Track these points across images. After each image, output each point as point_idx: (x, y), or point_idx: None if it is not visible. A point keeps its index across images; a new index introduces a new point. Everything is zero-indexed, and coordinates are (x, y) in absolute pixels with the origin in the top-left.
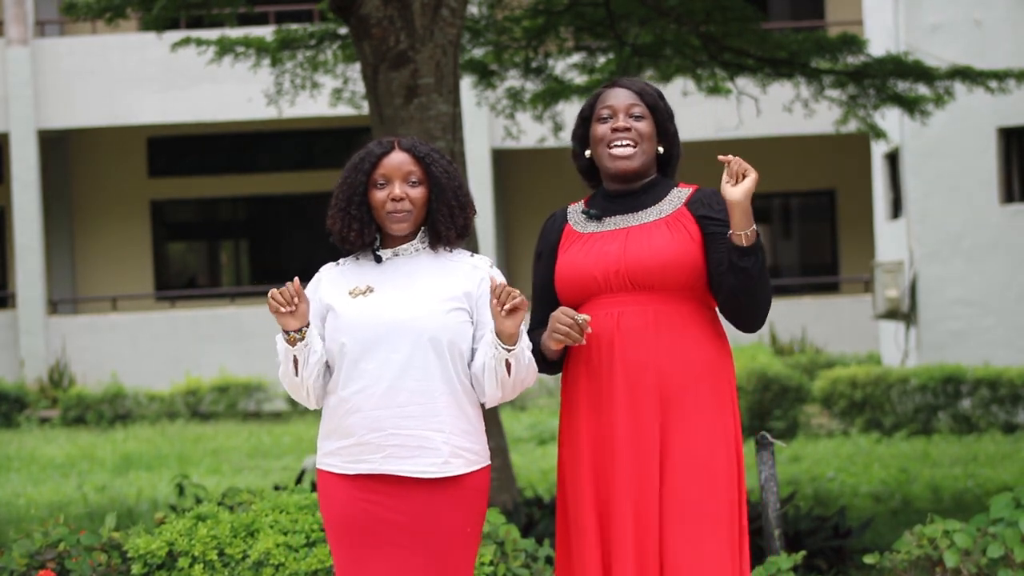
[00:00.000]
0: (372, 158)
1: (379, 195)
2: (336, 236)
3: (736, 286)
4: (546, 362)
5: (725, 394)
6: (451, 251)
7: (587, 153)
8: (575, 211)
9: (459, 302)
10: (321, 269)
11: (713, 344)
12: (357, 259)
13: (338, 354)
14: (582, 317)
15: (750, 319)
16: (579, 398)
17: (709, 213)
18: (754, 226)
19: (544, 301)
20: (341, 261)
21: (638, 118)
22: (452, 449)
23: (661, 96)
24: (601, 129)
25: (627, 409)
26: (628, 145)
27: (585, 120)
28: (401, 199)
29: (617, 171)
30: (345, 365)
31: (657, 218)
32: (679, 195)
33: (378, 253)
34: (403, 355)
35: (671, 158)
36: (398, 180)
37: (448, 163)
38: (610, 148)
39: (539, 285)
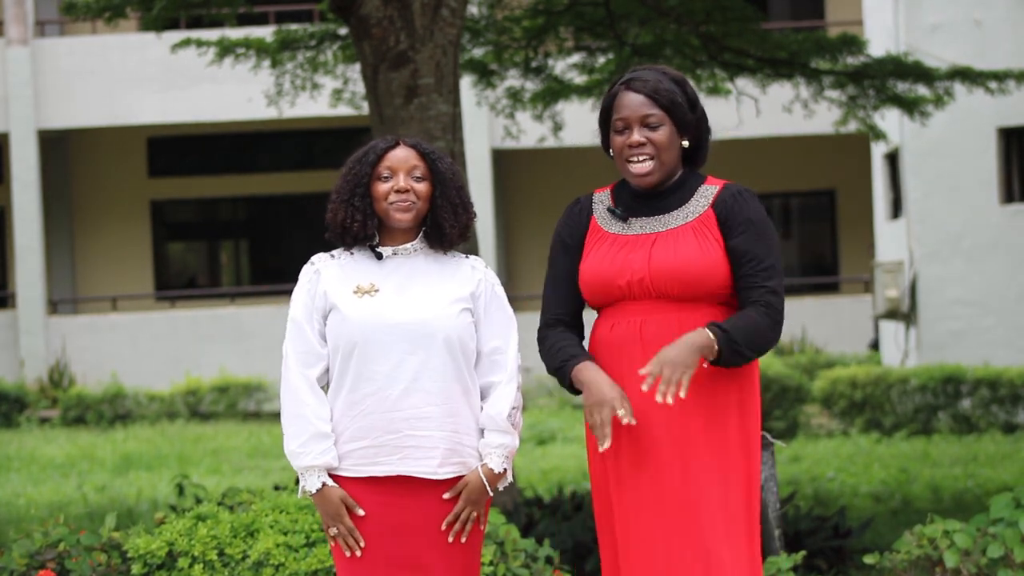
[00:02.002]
0: (377, 151)
1: (383, 187)
2: (337, 228)
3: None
4: (574, 387)
5: (734, 395)
6: (446, 253)
7: (611, 153)
8: (600, 204)
9: (466, 303)
10: (315, 259)
11: None
12: (353, 255)
13: (346, 354)
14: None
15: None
16: None
17: (730, 223)
18: (711, 345)
19: (565, 293)
20: (335, 254)
21: (654, 128)
22: (468, 449)
23: (680, 83)
24: (619, 141)
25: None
26: (645, 160)
27: (603, 123)
28: (406, 191)
29: (639, 186)
30: (354, 366)
31: (684, 222)
32: (706, 194)
33: (378, 250)
34: (418, 357)
35: (700, 146)
36: (403, 173)
37: (451, 163)
38: (628, 163)
39: (561, 275)
